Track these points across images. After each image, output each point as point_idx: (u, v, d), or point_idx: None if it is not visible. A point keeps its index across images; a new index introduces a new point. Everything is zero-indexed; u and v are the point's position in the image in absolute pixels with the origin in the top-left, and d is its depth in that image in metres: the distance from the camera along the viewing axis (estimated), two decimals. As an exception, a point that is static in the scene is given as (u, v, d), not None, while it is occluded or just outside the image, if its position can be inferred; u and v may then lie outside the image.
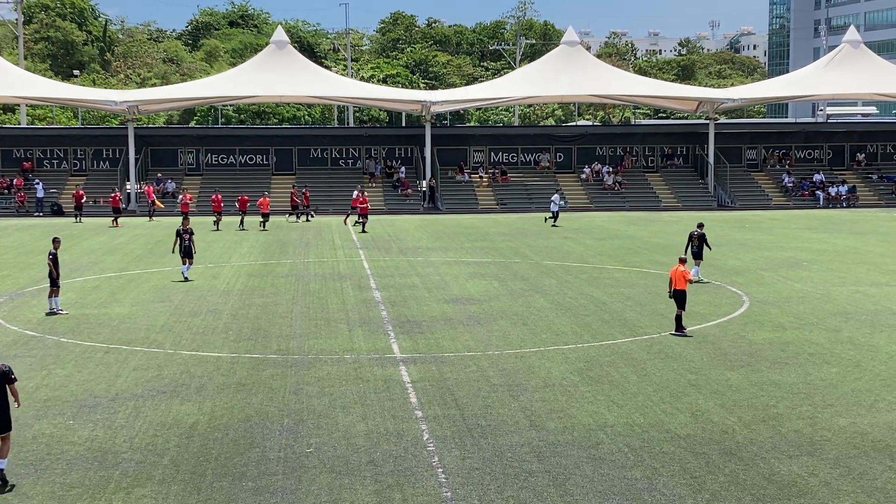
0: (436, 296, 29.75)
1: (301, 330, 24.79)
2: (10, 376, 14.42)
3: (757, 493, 13.71)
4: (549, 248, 42.18)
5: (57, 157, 68.64)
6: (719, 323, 25.46)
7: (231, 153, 69.92)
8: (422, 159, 68.26)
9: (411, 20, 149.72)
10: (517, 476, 14.39)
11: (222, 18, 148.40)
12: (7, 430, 14.32)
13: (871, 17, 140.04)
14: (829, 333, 24.15)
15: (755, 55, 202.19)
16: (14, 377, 14.52)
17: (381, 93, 74.30)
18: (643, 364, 21.00)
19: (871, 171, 72.49)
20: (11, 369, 14.63)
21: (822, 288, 31.01)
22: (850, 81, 68.34)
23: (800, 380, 19.69)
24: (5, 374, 14.38)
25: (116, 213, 55.45)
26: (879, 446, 15.64)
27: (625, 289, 31.03)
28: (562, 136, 73.98)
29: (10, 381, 14.41)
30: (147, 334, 24.27)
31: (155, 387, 19.29)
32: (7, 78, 65.30)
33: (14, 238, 47.38)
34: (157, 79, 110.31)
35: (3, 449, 14.29)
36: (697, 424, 16.79)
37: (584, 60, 70.08)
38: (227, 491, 13.87)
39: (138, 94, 70.70)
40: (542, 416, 17.22)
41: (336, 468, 14.73)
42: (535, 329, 24.74)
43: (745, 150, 72.95)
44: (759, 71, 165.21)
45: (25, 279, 33.47)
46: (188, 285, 31.90)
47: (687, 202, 66.98)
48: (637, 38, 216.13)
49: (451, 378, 19.86)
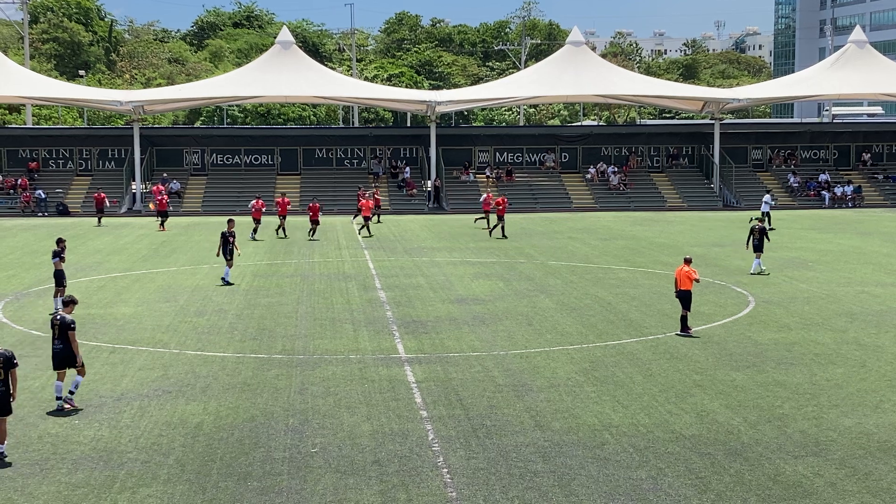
0: (441, 296, 29.75)
1: (306, 330, 24.80)
2: (12, 361, 15.21)
3: (762, 494, 13.69)
4: (554, 249, 42.17)
5: (62, 158, 68.75)
6: (725, 323, 25.43)
7: (236, 153, 69.99)
8: (427, 159, 68.29)
9: (416, 20, 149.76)
10: (522, 476, 14.38)
11: (228, 19, 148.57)
12: (6, 415, 15.15)
13: (877, 17, 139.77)
14: (835, 334, 24.11)
15: (760, 55, 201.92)
16: (16, 362, 15.36)
17: (385, 93, 74.33)
18: (648, 364, 20.98)
19: (877, 171, 72.40)
20: (14, 354, 15.45)
21: (828, 288, 30.97)
22: (855, 81, 68.24)
23: (805, 380, 19.67)
24: (8, 359, 15.14)
25: (100, 213, 55.24)
26: (885, 447, 15.62)
27: (630, 289, 31.01)
28: (567, 136, 73.97)
29: (12, 365, 15.19)
30: (152, 334, 24.30)
31: (160, 387, 19.31)
32: (13, 78, 65.40)
33: (19, 238, 47.47)
34: (162, 79, 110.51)
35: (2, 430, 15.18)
36: (703, 425, 16.78)
37: (589, 60, 70.04)
38: (232, 491, 13.88)
39: (144, 95, 70.81)
40: (547, 417, 17.21)
41: (341, 468, 14.73)
42: (541, 329, 24.73)
43: (750, 151, 72.92)
44: (764, 71, 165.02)
45: (31, 279, 33.53)
46: (192, 285, 31.94)
47: (692, 202, 66.95)
48: (642, 39, 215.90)
49: (456, 378, 19.86)
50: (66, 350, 17.56)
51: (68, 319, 17.68)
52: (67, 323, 17.61)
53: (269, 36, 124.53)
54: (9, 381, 15.13)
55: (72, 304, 18.48)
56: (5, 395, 15.06)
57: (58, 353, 17.64)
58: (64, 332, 17.56)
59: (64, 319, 17.68)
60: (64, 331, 17.56)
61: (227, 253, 32.52)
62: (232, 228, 33.03)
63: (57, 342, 17.66)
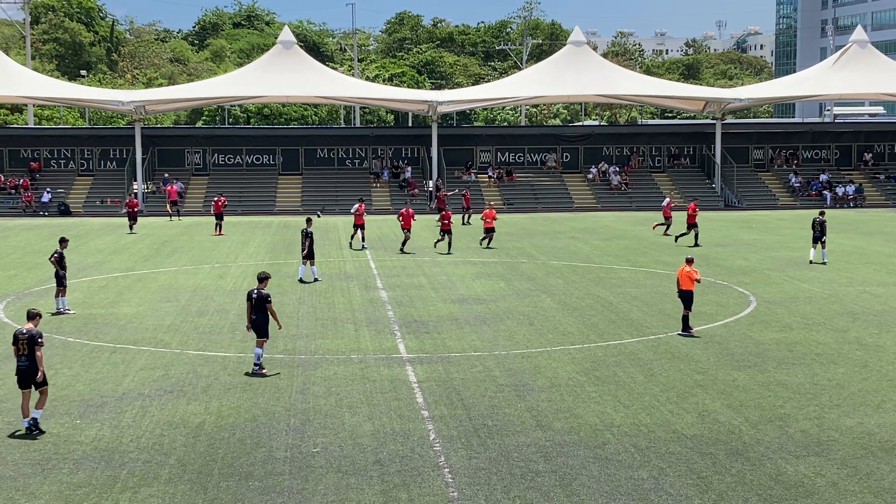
0: (442, 296, 29.75)
1: (307, 330, 24.80)
2: (37, 340, 16.26)
3: (764, 494, 13.68)
4: (555, 249, 42.16)
5: (64, 158, 68.77)
6: (726, 323, 25.43)
7: (238, 153, 70.01)
8: (428, 159, 68.27)
9: (417, 20, 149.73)
10: (523, 476, 14.38)
11: (229, 19, 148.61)
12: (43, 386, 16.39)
13: (879, 16, 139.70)
14: (836, 334, 24.11)
15: (762, 55, 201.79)
16: (41, 341, 16.32)
17: (387, 93, 74.33)
18: (650, 364, 20.98)
19: (879, 171, 72.37)
20: (41, 333, 16.43)
21: (829, 288, 30.95)
22: (857, 81, 68.19)
23: (807, 380, 19.66)
24: (33, 338, 16.24)
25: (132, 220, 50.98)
26: (887, 447, 15.61)
27: (631, 289, 31.01)
28: (568, 136, 73.95)
29: (37, 344, 16.24)
30: (154, 334, 24.32)
31: (162, 386, 19.32)
32: (14, 78, 65.41)
33: (21, 238, 47.49)
34: (163, 79, 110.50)
35: (41, 400, 16.43)
36: (704, 424, 16.77)
37: (590, 60, 70.02)
38: (233, 490, 13.89)
39: (145, 95, 70.82)
40: (549, 417, 17.21)
41: (342, 468, 14.73)
42: (542, 329, 24.73)
43: (752, 150, 72.89)
44: (765, 71, 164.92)
45: (32, 279, 33.54)
46: (194, 285, 31.95)
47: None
48: (644, 38, 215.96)
49: (457, 378, 19.86)
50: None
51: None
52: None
53: (270, 36, 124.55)
54: (33, 357, 16.13)
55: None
56: (29, 369, 16.15)
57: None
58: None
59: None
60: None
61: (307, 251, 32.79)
62: (310, 227, 33.33)
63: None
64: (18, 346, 16.36)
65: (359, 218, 42.59)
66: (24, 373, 16.34)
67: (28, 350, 16.18)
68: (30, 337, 16.16)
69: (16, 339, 16.41)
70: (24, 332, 16.39)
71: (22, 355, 16.33)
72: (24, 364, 16.33)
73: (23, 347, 16.31)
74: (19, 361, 16.38)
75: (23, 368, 16.36)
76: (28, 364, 16.31)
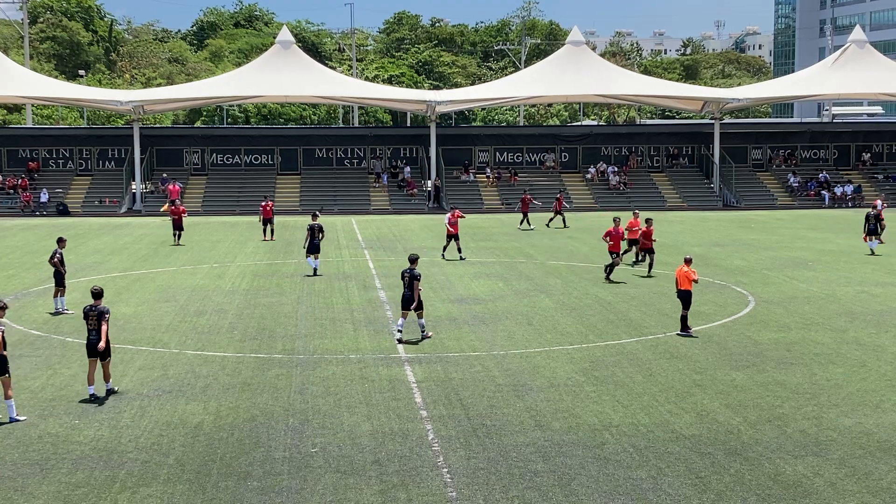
0: (441, 296, 29.75)
1: (306, 330, 24.80)
2: (105, 315, 18.17)
3: (762, 494, 13.69)
4: (553, 248, 42.16)
5: (62, 157, 68.74)
6: (725, 323, 25.43)
7: (236, 153, 69.99)
8: (427, 159, 68.29)
9: (415, 20, 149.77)
10: (522, 476, 14.39)
11: (228, 19, 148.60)
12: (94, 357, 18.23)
13: (877, 16, 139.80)
14: (835, 333, 24.12)
15: (760, 55, 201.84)
16: (107, 315, 18.31)
17: (385, 93, 74.35)
18: (648, 364, 20.98)
19: (877, 170, 72.43)
20: (108, 308, 18.47)
21: (828, 288, 30.96)
22: (855, 81, 68.24)
23: (805, 380, 19.67)
24: (101, 313, 18.14)
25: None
26: (885, 446, 15.62)
27: (630, 289, 31.02)
28: (567, 135, 73.97)
29: (105, 319, 18.13)
30: (152, 334, 24.31)
31: (160, 386, 19.31)
32: (13, 78, 65.37)
33: (19, 238, 47.46)
34: (162, 79, 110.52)
35: (106, 373, 18.49)
36: (703, 424, 16.78)
37: (589, 60, 70.02)
38: (232, 490, 13.89)
39: (144, 94, 70.79)
40: (547, 416, 17.21)
41: (341, 468, 14.73)
42: (541, 329, 24.73)
43: (750, 150, 72.92)
44: (764, 71, 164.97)
45: (31, 279, 33.53)
46: (192, 285, 31.95)
47: (692, 202, 66.97)
48: (642, 38, 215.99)
49: (456, 378, 19.86)
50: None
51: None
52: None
53: (269, 36, 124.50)
54: (100, 330, 18.00)
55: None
56: (97, 341, 18.03)
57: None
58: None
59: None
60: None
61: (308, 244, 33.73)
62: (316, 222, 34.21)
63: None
64: (88, 320, 18.38)
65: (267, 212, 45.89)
66: (92, 344, 18.35)
67: (97, 324, 18.24)
68: (99, 313, 18.25)
69: (86, 314, 18.45)
70: (93, 309, 18.36)
71: (92, 329, 18.33)
72: (94, 338, 18.26)
73: (92, 322, 18.31)
74: (89, 335, 18.35)
75: (93, 341, 18.32)
76: (97, 338, 18.24)
